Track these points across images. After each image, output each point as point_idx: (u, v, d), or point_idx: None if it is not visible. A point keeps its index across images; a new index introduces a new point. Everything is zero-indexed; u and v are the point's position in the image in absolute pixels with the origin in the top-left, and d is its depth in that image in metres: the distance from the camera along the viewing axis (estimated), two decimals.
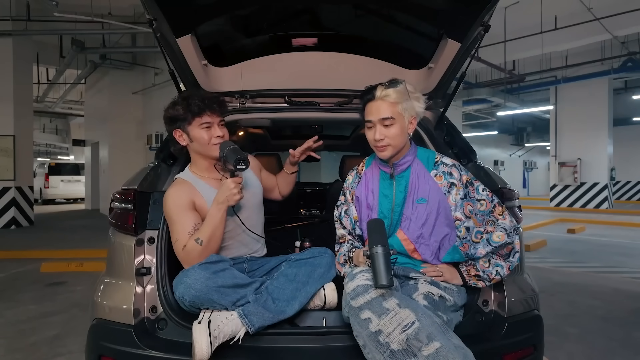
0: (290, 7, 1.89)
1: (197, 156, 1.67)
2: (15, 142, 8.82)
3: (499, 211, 1.47)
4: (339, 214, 1.67)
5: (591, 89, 12.50)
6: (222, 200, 1.51)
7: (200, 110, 1.59)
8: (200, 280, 1.34)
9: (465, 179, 1.50)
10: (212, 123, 1.61)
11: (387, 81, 1.47)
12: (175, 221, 1.53)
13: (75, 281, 4.40)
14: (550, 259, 5.69)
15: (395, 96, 1.44)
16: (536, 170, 23.50)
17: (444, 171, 1.51)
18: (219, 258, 1.45)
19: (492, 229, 1.45)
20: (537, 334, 1.54)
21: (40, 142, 21.41)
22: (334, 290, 1.53)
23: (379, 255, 1.21)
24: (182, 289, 1.36)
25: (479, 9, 1.54)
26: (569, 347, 2.68)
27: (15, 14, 8.29)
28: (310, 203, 3.40)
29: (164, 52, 1.82)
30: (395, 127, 1.45)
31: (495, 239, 1.43)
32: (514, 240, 1.45)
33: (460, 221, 1.48)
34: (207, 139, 1.60)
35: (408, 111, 1.47)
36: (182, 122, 1.61)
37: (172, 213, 1.54)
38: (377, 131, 1.46)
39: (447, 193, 1.49)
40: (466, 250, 1.47)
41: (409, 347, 1.14)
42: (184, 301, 1.38)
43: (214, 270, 1.38)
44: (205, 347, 1.27)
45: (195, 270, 1.37)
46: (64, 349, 2.68)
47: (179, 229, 1.52)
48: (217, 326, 1.32)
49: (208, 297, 1.36)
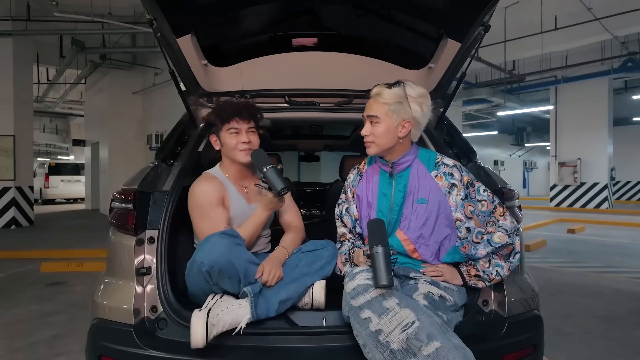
0: (290, 7, 1.89)
1: (227, 160, 1.75)
2: (15, 142, 8.82)
3: (500, 212, 1.47)
4: (340, 212, 1.67)
5: (591, 89, 12.49)
6: (269, 208, 1.62)
7: (229, 116, 1.67)
8: (221, 246, 1.40)
9: (467, 179, 1.50)
10: (240, 129, 1.68)
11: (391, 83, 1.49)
12: (207, 215, 1.59)
13: (75, 281, 4.40)
14: (550, 259, 5.69)
15: (388, 97, 1.45)
16: (536, 170, 23.50)
17: (444, 172, 1.51)
18: (237, 233, 1.51)
19: (492, 229, 1.46)
20: (537, 334, 1.54)
21: (40, 142, 21.40)
22: (323, 288, 1.53)
23: (380, 255, 1.22)
24: (202, 254, 1.39)
25: (479, 9, 1.54)
26: (569, 347, 2.68)
27: (15, 14, 8.29)
28: (310, 203, 3.40)
29: (164, 52, 1.82)
30: (380, 126, 1.47)
31: (496, 240, 1.44)
32: (514, 241, 1.45)
33: (460, 222, 1.48)
34: (234, 144, 1.67)
35: (399, 114, 1.45)
36: (215, 127, 1.71)
37: (205, 207, 1.60)
38: (365, 127, 1.50)
39: (448, 194, 1.48)
40: (466, 250, 1.47)
41: (409, 346, 1.15)
42: (202, 267, 1.38)
43: (234, 242, 1.45)
44: (200, 333, 1.27)
45: (215, 237, 1.43)
46: (64, 349, 2.68)
47: (213, 224, 1.57)
48: (217, 314, 1.33)
49: (227, 259, 1.39)
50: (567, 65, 11.27)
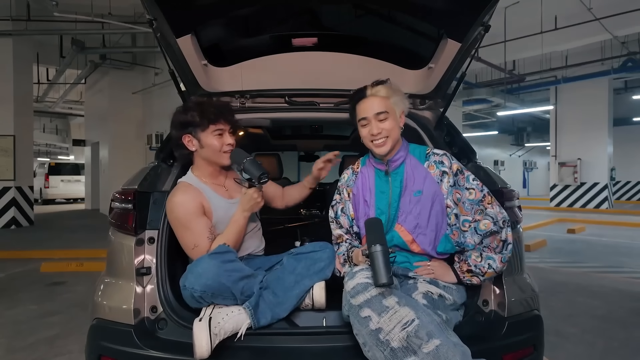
0: (290, 7, 1.89)
1: (203, 162, 1.68)
2: (15, 142, 8.82)
3: (488, 200, 1.48)
4: (335, 213, 1.67)
5: (591, 89, 12.48)
6: (247, 207, 1.59)
7: (216, 117, 1.62)
8: (211, 269, 1.35)
9: (456, 167, 1.53)
10: (224, 130, 1.64)
11: (373, 82, 1.54)
12: (190, 227, 1.54)
13: (75, 281, 4.40)
14: (550, 259, 5.69)
15: (386, 91, 1.51)
16: (536, 170, 23.49)
17: (435, 160, 1.55)
18: (227, 249, 1.48)
19: (480, 217, 1.46)
20: (537, 334, 1.54)
21: (40, 142, 21.40)
22: (323, 289, 1.53)
23: (378, 254, 1.22)
24: (192, 279, 1.35)
25: (479, 9, 1.54)
26: (569, 347, 2.68)
27: (15, 14, 8.29)
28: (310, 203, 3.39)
29: (164, 52, 1.83)
30: (390, 120, 1.50)
31: (482, 227, 1.43)
32: (501, 230, 1.43)
33: (450, 208, 1.50)
34: (219, 147, 1.62)
35: (398, 105, 1.54)
36: (194, 127, 1.61)
37: (185, 219, 1.54)
38: (373, 126, 1.50)
39: (440, 182, 1.51)
40: (456, 238, 1.49)
41: (409, 344, 1.15)
42: (194, 292, 1.35)
43: (223, 260, 1.40)
44: (205, 344, 1.27)
45: (205, 259, 1.39)
46: (64, 349, 2.68)
47: (196, 235, 1.54)
48: (218, 323, 1.33)
49: (219, 282, 1.35)
50: (567, 65, 11.26)
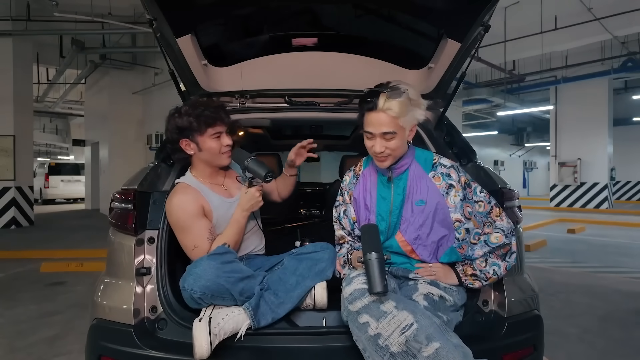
0: (290, 7, 1.89)
1: (202, 164, 1.67)
2: (15, 142, 8.82)
3: (496, 212, 1.47)
4: (338, 214, 1.66)
5: (591, 89, 12.48)
6: (247, 207, 1.59)
7: (213, 120, 1.60)
8: (210, 270, 1.34)
9: (464, 180, 1.49)
10: (221, 132, 1.63)
11: (390, 86, 1.39)
12: (189, 228, 1.54)
13: (75, 281, 4.40)
14: (550, 259, 5.69)
15: (398, 110, 1.36)
16: (536, 170, 23.48)
17: (442, 172, 1.50)
18: (226, 250, 1.47)
19: (489, 230, 1.46)
20: (537, 334, 1.54)
21: (40, 142, 21.41)
22: (324, 289, 1.52)
23: (373, 262, 1.22)
24: (191, 281, 1.34)
25: (479, 9, 1.54)
26: (569, 347, 2.68)
27: (15, 14, 8.29)
28: (310, 203, 3.40)
29: (164, 52, 1.82)
30: (396, 140, 1.41)
31: (493, 240, 1.43)
32: (511, 242, 1.45)
33: (460, 223, 1.47)
34: (218, 149, 1.62)
35: (409, 122, 1.42)
36: (192, 132, 1.59)
37: (184, 221, 1.54)
38: (377, 144, 1.41)
39: (446, 194, 1.48)
40: (464, 252, 1.47)
41: (408, 349, 1.14)
42: (193, 293, 1.35)
43: (222, 261, 1.39)
44: (205, 344, 1.27)
45: (204, 260, 1.38)
46: (64, 349, 2.68)
47: (196, 237, 1.54)
48: (218, 324, 1.32)
49: (218, 284, 1.34)
50: (567, 65, 11.27)
